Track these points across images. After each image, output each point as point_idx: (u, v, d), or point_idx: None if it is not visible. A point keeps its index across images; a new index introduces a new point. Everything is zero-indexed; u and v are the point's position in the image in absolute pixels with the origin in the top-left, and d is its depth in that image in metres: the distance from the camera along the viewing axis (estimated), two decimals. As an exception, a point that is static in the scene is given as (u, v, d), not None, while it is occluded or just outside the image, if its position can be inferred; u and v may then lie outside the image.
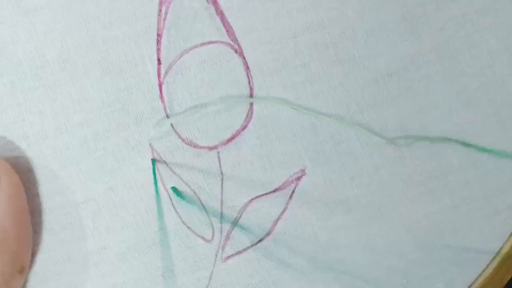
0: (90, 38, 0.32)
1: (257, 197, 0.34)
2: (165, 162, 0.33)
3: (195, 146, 0.34)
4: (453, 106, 0.36)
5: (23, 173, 0.33)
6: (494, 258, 0.38)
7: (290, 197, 0.35)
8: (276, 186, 0.35)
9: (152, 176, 0.33)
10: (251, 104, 0.34)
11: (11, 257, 0.31)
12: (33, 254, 0.33)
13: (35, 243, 0.33)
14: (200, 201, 0.34)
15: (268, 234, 0.35)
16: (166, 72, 0.33)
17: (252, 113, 0.34)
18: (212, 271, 0.35)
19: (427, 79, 0.35)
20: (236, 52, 0.34)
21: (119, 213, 0.33)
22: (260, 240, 0.35)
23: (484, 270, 0.38)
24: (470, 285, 0.38)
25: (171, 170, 0.33)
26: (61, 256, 0.33)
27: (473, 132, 0.36)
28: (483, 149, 0.36)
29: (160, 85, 0.33)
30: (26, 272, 0.32)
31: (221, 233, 0.35)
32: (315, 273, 0.36)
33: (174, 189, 0.33)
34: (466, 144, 0.36)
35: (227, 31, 0.33)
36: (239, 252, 0.35)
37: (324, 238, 0.36)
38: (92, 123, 0.33)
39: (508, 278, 0.38)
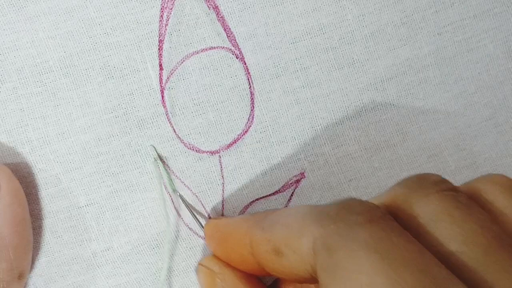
0: (92, 44, 0.33)
1: (257, 199, 0.35)
2: (167, 166, 0.34)
3: (197, 150, 0.34)
4: (450, 110, 0.36)
5: (26, 177, 0.33)
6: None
7: (289, 199, 0.35)
8: (276, 188, 0.35)
9: (155, 180, 0.34)
10: (252, 110, 0.34)
11: (10, 265, 0.31)
12: (34, 258, 0.33)
13: (39, 245, 0.33)
14: (202, 204, 0.35)
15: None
16: (167, 78, 0.33)
17: (253, 118, 0.34)
18: (213, 272, 0.35)
19: (425, 83, 0.36)
20: (237, 57, 0.34)
21: (122, 216, 0.34)
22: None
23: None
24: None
25: (174, 174, 0.34)
26: (66, 257, 0.34)
27: (470, 135, 0.37)
28: None
29: (162, 90, 0.33)
30: (25, 278, 0.32)
31: (222, 234, 0.35)
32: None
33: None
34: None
35: (228, 36, 0.34)
36: (239, 252, 0.36)
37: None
38: (95, 128, 0.33)
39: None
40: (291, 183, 0.35)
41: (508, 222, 0.26)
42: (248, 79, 0.34)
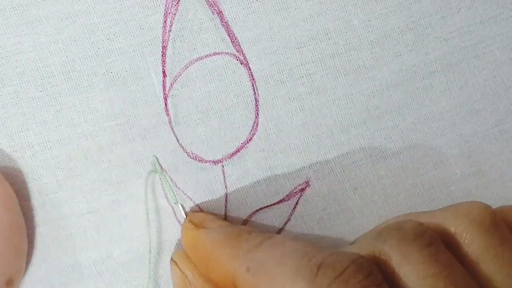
0: (95, 49, 0.32)
1: (261, 208, 0.35)
2: (169, 177, 0.33)
3: (200, 160, 0.34)
4: (456, 117, 0.36)
5: (27, 183, 0.33)
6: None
7: (294, 208, 0.35)
8: (280, 197, 0.35)
9: (156, 191, 0.33)
10: (256, 117, 0.34)
11: None
12: (34, 264, 0.33)
13: (40, 252, 0.33)
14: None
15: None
16: (171, 85, 0.33)
17: (257, 126, 0.34)
18: (215, 280, 0.35)
19: (431, 89, 0.35)
20: (241, 63, 0.33)
21: (123, 225, 0.33)
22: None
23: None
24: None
25: (176, 185, 0.33)
26: (66, 265, 0.33)
27: (476, 143, 0.36)
28: None
29: (165, 98, 0.33)
30: (16, 284, 0.32)
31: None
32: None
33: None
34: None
35: (232, 42, 0.33)
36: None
37: (326, 247, 0.36)
38: (96, 135, 0.33)
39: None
40: (295, 192, 0.35)
41: (484, 270, 0.29)
42: (253, 85, 0.34)
